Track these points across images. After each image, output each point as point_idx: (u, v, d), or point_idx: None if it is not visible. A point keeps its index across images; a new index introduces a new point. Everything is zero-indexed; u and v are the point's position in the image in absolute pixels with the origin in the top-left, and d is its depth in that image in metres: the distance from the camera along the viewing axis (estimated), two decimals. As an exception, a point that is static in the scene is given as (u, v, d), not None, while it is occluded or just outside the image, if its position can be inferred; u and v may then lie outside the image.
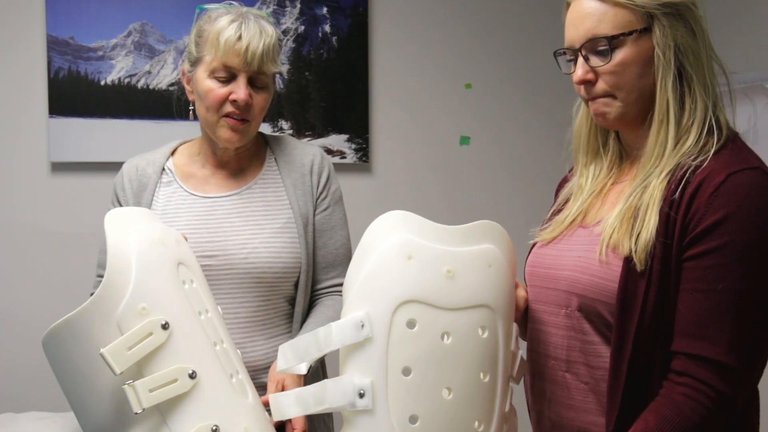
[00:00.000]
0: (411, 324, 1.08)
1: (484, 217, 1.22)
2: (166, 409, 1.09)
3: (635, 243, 1.15)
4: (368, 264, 1.10)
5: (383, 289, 1.09)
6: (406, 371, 1.07)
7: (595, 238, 1.23)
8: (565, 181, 1.47)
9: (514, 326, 1.23)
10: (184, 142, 1.67)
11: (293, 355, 1.17)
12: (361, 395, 1.06)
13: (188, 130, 2.58)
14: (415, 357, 1.07)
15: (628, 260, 1.15)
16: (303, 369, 1.30)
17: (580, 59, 1.22)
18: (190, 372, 1.09)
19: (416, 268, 1.10)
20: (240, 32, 1.47)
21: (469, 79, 3.10)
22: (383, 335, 1.07)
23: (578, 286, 1.21)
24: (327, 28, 2.89)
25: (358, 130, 2.92)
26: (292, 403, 1.13)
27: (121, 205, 1.59)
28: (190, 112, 1.59)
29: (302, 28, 2.85)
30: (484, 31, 3.12)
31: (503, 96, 3.15)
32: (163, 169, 1.60)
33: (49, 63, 2.60)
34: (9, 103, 2.60)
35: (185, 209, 1.55)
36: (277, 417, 1.16)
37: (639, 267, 1.13)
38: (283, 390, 1.35)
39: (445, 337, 1.10)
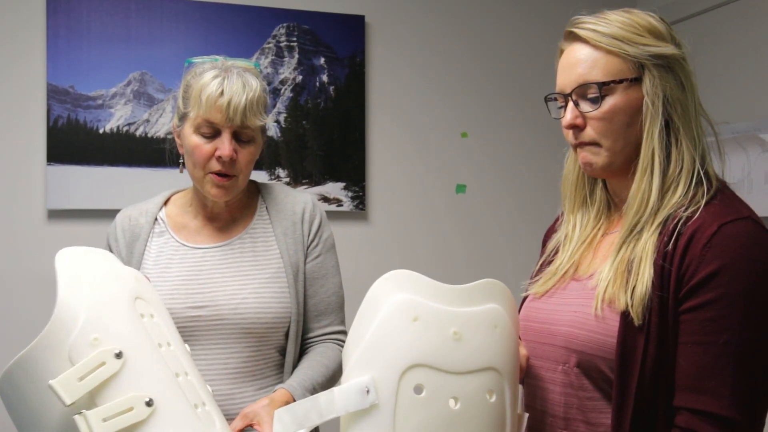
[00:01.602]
0: (418, 389, 1.04)
1: (481, 265, 1.21)
2: None
3: (631, 297, 1.14)
4: (372, 326, 1.07)
5: (389, 353, 1.05)
6: None
7: (589, 292, 1.23)
8: (551, 231, 1.46)
9: (520, 388, 1.21)
10: (178, 192, 1.66)
11: (291, 421, 1.13)
12: None
13: (186, 178, 2.60)
14: (424, 424, 1.03)
15: (625, 315, 1.14)
16: None
17: (570, 104, 1.23)
18: (147, 400, 1.05)
19: (422, 331, 1.06)
20: (222, 87, 1.46)
21: (464, 128, 3.13)
22: (390, 401, 1.03)
23: (576, 342, 1.20)
24: (324, 77, 2.92)
25: (355, 178, 2.94)
26: None
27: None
28: (180, 165, 1.59)
29: (300, 77, 2.89)
30: (479, 80, 3.16)
31: (499, 145, 3.18)
32: (156, 219, 1.60)
33: (49, 111, 2.62)
34: (8, 151, 2.61)
35: (177, 260, 1.54)
36: None
37: (636, 321, 1.13)
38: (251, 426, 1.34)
39: (454, 402, 1.05)
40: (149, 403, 1.05)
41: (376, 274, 2.59)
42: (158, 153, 2.71)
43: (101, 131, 2.67)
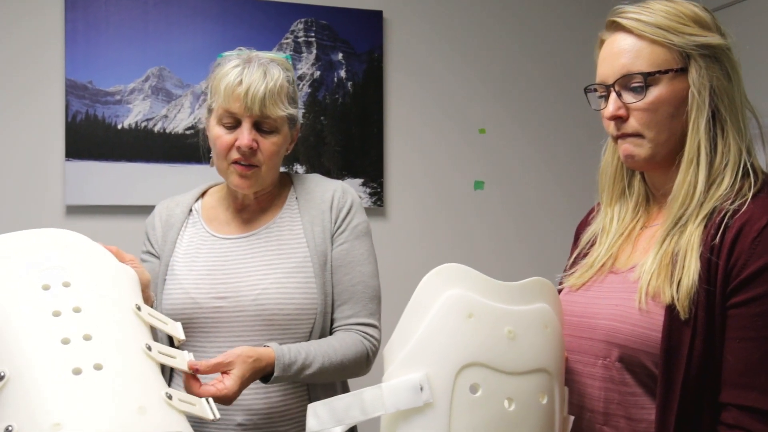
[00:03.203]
0: (474, 389, 1.01)
1: (500, 262, 1.17)
2: None
3: (677, 290, 1.12)
4: (423, 321, 1.03)
5: (443, 350, 1.01)
6: None
7: (630, 285, 1.21)
8: (585, 224, 1.44)
9: (566, 390, 1.19)
10: (215, 185, 1.66)
11: (329, 417, 1.08)
12: None
13: (203, 174, 2.59)
14: (479, 425, 1.00)
15: (670, 308, 1.12)
16: (338, 431, 1.18)
17: (613, 95, 1.21)
18: None
19: (478, 328, 1.03)
20: (241, 77, 1.46)
21: (482, 124, 3.11)
22: (445, 400, 0.99)
23: (618, 336, 1.18)
24: (342, 73, 2.91)
25: (373, 174, 2.92)
26: None
27: (151, 244, 1.59)
28: (211, 159, 1.58)
29: (318, 73, 2.87)
30: (497, 76, 3.14)
31: (517, 141, 3.16)
32: (191, 210, 1.60)
33: (67, 107, 2.60)
34: (27, 146, 2.60)
35: (205, 250, 1.53)
36: None
37: (683, 315, 1.11)
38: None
39: (508, 403, 1.02)
40: (0, 377, 0.99)
41: (393, 271, 2.60)
42: (177, 149, 2.70)
43: (119, 127, 2.66)
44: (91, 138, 2.62)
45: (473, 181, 3.10)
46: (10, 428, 0.95)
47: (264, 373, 1.36)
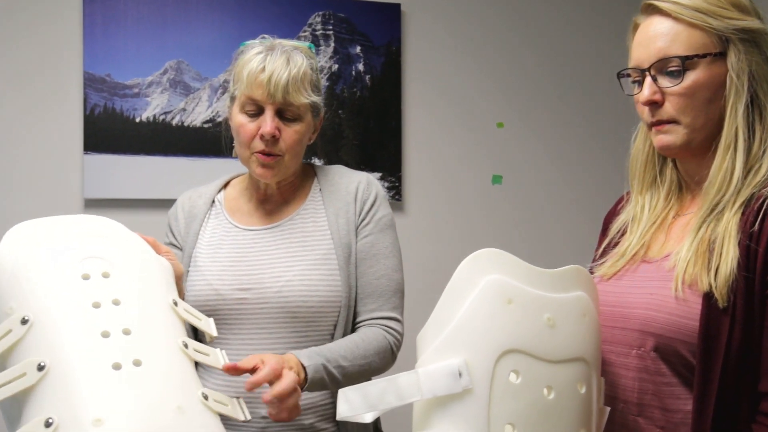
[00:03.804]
0: (514, 376, 0.99)
1: (518, 256, 1.13)
2: (22, 405, 1.00)
3: (714, 278, 1.10)
4: (462, 306, 1.01)
5: (483, 336, 0.99)
6: (510, 428, 0.98)
7: (665, 274, 1.19)
8: (614, 213, 1.42)
9: (602, 380, 1.17)
10: (237, 176, 1.65)
11: (362, 402, 1.06)
12: None
13: (221, 167, 2.57)
14: (519, 413, 0.98)
15: (708, 296, 1.10)
16: (368, 418, 1.15)
17: (648, 79, 1.19)
18: (39, 364, 0.99)
19: (517, 315, 1.01)
20: (263, 64, 1.44)
21: (501, 118, 3.09)
22: (485, 387, 0.97)
23: (654, 325, 1.16)
24: (360, 66, 2.89)
25: (391, 168, 2.90)
26: None
27: (174, 236, 1.57)
28: (233, 150, 1.57)
29: (336, 66, 2.86)
30: (516, 69, 3.12)
31: (535, 135, 3.14)
32: (213, 201, 1.58)
33: (85, 100, 2.60)
34: (45, 139, 2.60)
35: (228, 241, 1.52)
36: None
37: (721, 303, 1.09)
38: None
39: (547, 391, 1.01)
40: (40, 368, 0.99)
41: (412, 265, 2.56)
42: (195, 142, 2.69)
43: (137, 120, 2.65)
44: (109, 131, 2.62)
45: (491, 175, 3.08)
46: (50, 421, 0.95)
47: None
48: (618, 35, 3.17)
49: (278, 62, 1.44)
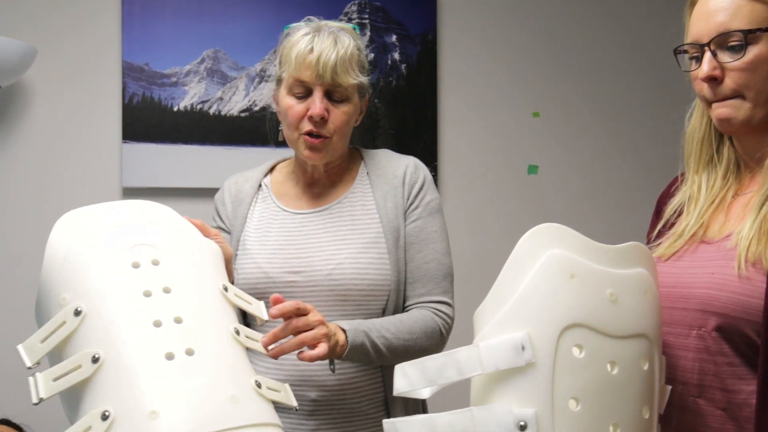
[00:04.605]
0: (577, 350, 0.98)
1: None
2: (79, 396, 1.00)
3: None
4: (523, 281, 1.00)
5: (545, 310, 0.98)
6: (574, 403, 0.96)
7: (727, 253, 1.16)
8: (667, 195, 1.40)
9: (663, 358, 1.15)
10: (283, 161, 1.65)
11: (420, 377, 1.04)
12: (522, 427, 0.94)
13: (258, 156, 2.58)
14: (583, 387, 0.96)
15: None
16: (426, 394, 1.16)
17: (707, 55, 1.17)
18: (94, 356, 0.99)
19: (580, 289, 1.00)
20: (312, 45, 1.44)
21: (536, 108, 3.06)
22: (548, 361, 0.96)
23: (716, 304, 1.14)
24: (396, 55, 2.88)
25: (427, 157, 2.89)
26: (420, 431, 1.00)
27: (221, 219, 1.57)
28: (279, 133, 1.56)
29: (372, 55, 2.85)
30: (552, 58, 3.09)
31: (571, 124, 3.11)
32: (260, 185, 1.58)
33: (124, 89, 2.61)
34: (84, 128, 2.62)
35: (277, 224, 1.52)
36: None
37: None
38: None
39: (611, 367, 0.99)
40: (95, 359, 0.99)
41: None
42: (232, 131, 2.70)
43: (175, 109, 2.66)
44: (147, 120, 2.63)
45: (527, 165, 3.05)
46: (107, 413, 0.95)
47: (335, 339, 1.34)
48: (655, 18, 3.13)
49: (326, 43, 1.44)
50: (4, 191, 2.55)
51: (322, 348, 1.26)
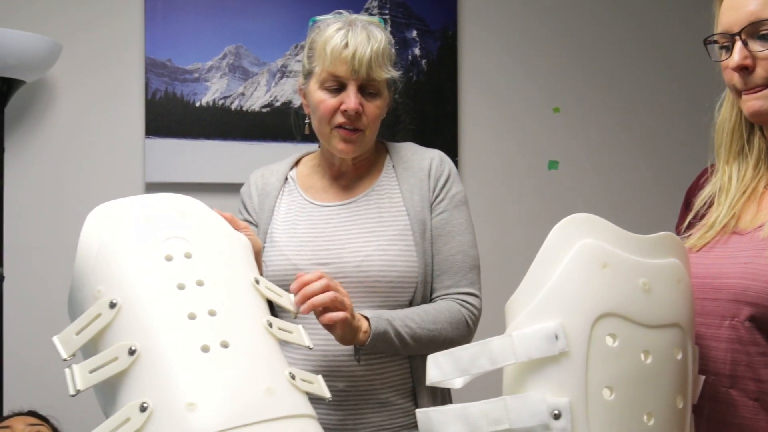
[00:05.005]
0: (611, 339, 0.98)
1: None
2: (115, 388, 1.01)
3: None
4: (556, 270, 1.00)
5: (578, 299, 0.98)
6: (608, 391, 0.96)
7: (760, 244, 1.16)
8: (697, 187, 1.39)
9: (696, 348, 1.15)
10: (308, 154, 1.66)
11: (453, 367, 1.04)
12: (556, 416, 0.94)
13: (279, 151, 2.59)
14: (617, 376, 0.97)
15: None
16: (458, 383, 1.17)
17: (738, 44, 1.16)
18: (130, 348, 1.00)
19: (613, 278, 1.00)
20: (346, 40, 1.44)
21: (557, 103, 3.06)
22: (581, 350, 0.96)
23: (750, 294, 1.14)
24: (416, 51, 2.88)
25: (447, 152, 2.85)
26: (454, 420, 1.00)
27: (248, 212, 1.58)
28: (306, 126, 1.57)
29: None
30: (572, 53, 3.08)
31: (591, 120, 3.10)
32: (286, 178, 1.59)
33: (147, 84, 2.63)
34: (107, 123, 2.64)
35: (304, 217, 1.53)
36: None
37: None
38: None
39: (644, 356, 0.99)
40: (131, 352, 0.99)
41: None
42: (253, 127, 2.71)
43: (197, 104, 2.68)
44: (170, 115, 2.65)
45: (548, 161, 3.05)
46: (145, 405, 0.96)
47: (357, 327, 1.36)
48: (676, 13, 3.12)
49: (360, 38, 1.45)
50: (29, 186, 2.58)
51: (342, 313, 1.30)
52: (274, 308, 1.48)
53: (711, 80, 1.27)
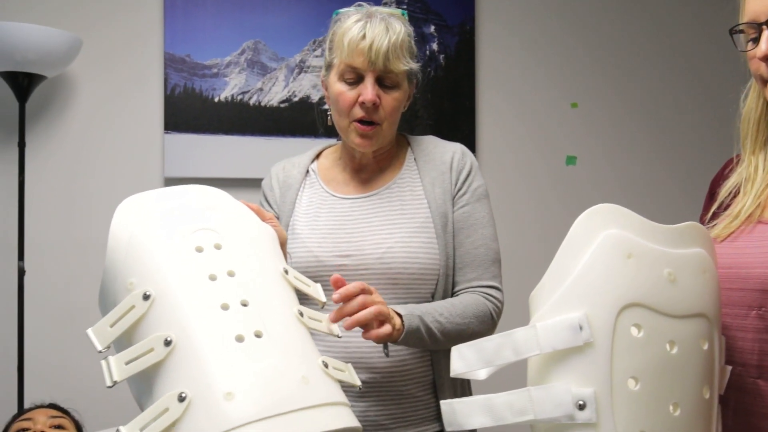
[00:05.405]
0: (636, 330, 0.97)
1: None
2: (152, 379, 1.01)
3: None
4: (580, 261, 1.00)
5: (603, 290, 0.98)
6: (633, 382, 0.96)
7: None
8: (721, 177, 1.38)
9: (723, 338, 1.14)
10: (329, 147, 1.66)
11: (477, 358, 1.03)
12: (581, 407, 0.94)
13: (297, 146, 2.60)
14: (642, 366, 0.96)
15: None
16: (482, 375, 1.15)
17: (765, 34, 1.15)
18: (166, 339, 1.00)
19: (638, 269, 0.99)
20: (364, 31, 1.44)
21: (574, 99, 3.05)
22: (606, 340, 0.95)
23: None
24: (434, 46, 2.88)
25: (465, 148, 2.88)
26: (478, 412, 1.00)
27: (270, 205, 1.59)
28: (328, 118, 1.57)
29: (410, 46, 2.85)
30: (590, 48, 3.07)
31: (609, 115, 3.08)
32: (307, 171, 1.60)
33: (166, 80, 2.65)
34: (126, 119, 2.66)
35: (326, 210, 1.53)
36: (454, 427, 1.04)
37: None
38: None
39: (670, 346, 0.99)
40: (167, 343, 1.00)
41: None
42: (272, 122, 2.72)
43: (216, 100, 2.69)
44: (189, 111, 2.66)
45: (565, 156, 3.04)
46: (183, 395, 0.96)
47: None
48: (693, 8, 3.09)
49: (378, 29, 1.44)
50: (50, 181, 2.60)
51: (387, 327, 1.29)
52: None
53: (727, 75, 1.26)
